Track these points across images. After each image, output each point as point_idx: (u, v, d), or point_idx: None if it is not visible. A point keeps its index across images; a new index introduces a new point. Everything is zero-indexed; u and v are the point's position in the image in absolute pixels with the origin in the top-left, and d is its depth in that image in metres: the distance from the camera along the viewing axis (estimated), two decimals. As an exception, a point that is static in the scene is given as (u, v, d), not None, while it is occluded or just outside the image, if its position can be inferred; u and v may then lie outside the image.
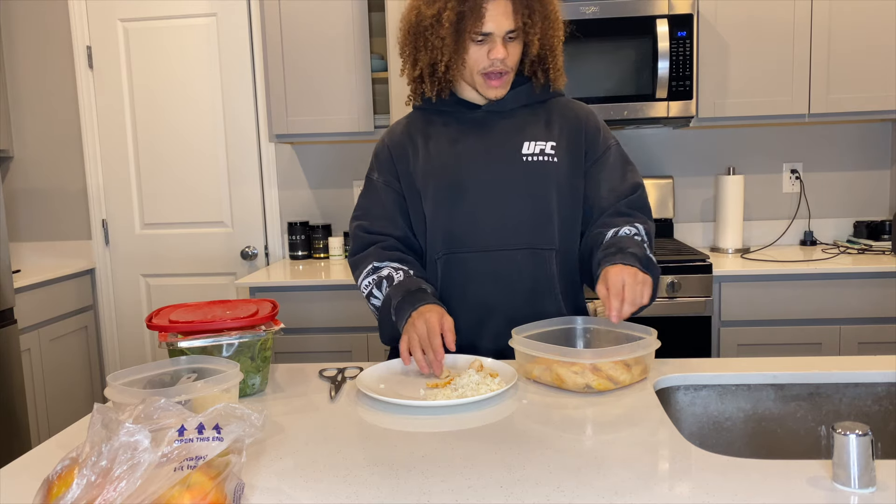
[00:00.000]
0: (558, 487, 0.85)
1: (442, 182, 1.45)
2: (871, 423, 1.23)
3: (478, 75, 1.41)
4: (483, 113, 1.48)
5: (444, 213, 1.45)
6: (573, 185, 1.47)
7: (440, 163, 1.46)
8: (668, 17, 2.55)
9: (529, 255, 1.43)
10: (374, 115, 2.80)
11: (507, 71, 1.41)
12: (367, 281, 1.47)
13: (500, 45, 1.37)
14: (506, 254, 1.43)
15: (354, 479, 0.90)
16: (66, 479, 0.73)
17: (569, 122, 1.49)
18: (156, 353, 3.32)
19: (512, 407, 1.14)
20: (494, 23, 1.36)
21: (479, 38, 1.38)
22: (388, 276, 1.44)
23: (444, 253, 1.45)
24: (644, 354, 1.22)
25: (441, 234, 1.46)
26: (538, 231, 1.44)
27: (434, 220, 1.46)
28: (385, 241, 1.50)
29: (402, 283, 1.42)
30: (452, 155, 1.46)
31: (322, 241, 3.07)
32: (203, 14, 3.11)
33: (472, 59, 1.40)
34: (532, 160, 1.44)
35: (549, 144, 1.45)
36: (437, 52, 1.40)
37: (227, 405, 0.82)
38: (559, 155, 1.45)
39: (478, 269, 1.44)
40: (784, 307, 2.45)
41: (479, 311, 1.44)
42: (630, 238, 1.39)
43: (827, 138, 2.98)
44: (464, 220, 1.44)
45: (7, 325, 2.58)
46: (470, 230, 1.44)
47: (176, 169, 3.21)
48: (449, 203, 1.44)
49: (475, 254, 1.44)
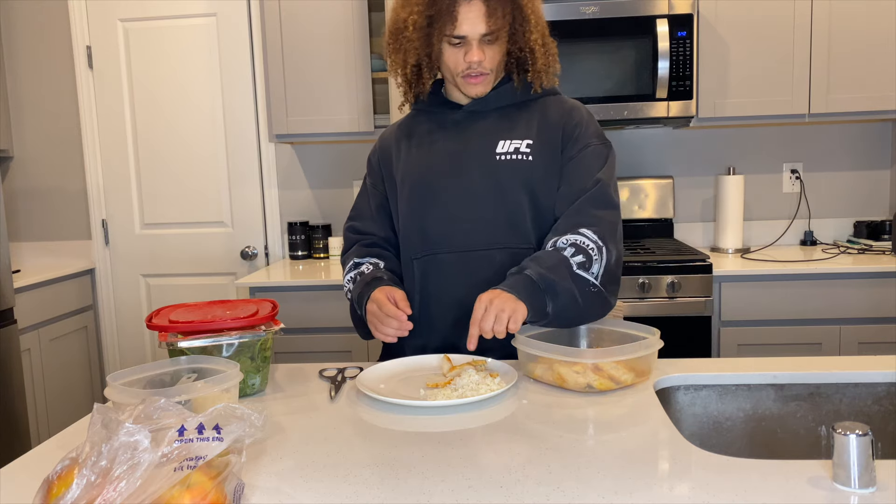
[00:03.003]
0: (558, 487, 0.85)
1: (417, 183, 1.46)
2: (871, 423, 1.23)
3: (458, 77, 1.42)
4: (463, 113, 1.48)
5: (418, 213, 1.46)
6: (548, 183, 1.42)
7: (416, 164, 1.47)
8: (668, 17, 2.54)
9: (507, 254, 1.42)
10: (374, 115, 2.80)
11: (485, 72, 1.40)
12: (349, 277, 1.52)
13: (476, 48, 1.37)
14: (482, 254, 1.42)
15: (354, 479, 0.90)
16: (66, 479, 0.73)
17: (550, 119, 1.45)
18: (156, 353, 3.32)
19: (512, 407, 1.14)
20: (468, 25, 1.35)
21: (456, 41, 1.37)
22: (360, 272, 1.49)
23: (422, 254, 1.45)
24: (646, 355, 1.21)
25: (417, 235, 1.46)
26: (513, 231, 1.42)
27: (410, 221, 1.47)
28: (367, 239, 1.55)
29: (363, 276, 1.47)
30: (428, 156, 1.47)
31: (322, 241, 3.07)
32: (203, 14, 3.11)
33: (451, 62, 1.40)
34: (505, 159, 1.42)
35: (524, 143, 1.42)
36: (409, 54, 1.41)
37: (227, 405, 0.82)
38: (534, 153, 1.42)
39: (455, 269, 1.43)
40: (784, 307, 2.45)
41: (457, 311, 1.42)
42: (553, 253, 1.32)
43: (827, 138, 2.98)
44: (438, 220, 1.44)
45: (7, 325, 2.58)
46: (445, 231, 1.43)
47: (176, 169, 3.21)
48: (423, 204, 1.45)
49: (452, 254, 1.43)
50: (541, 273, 1.28)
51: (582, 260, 1.32)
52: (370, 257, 1.52)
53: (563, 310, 1.30)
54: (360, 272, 1.49)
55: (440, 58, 1.41)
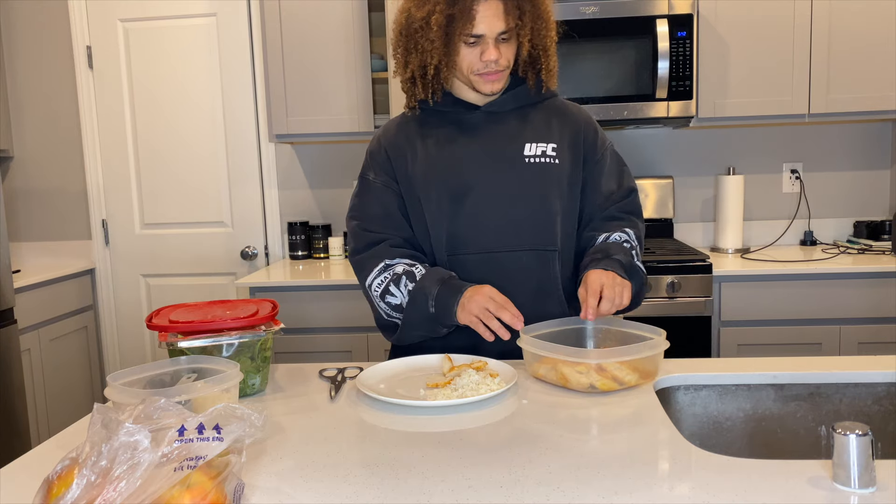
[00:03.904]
0: (558, 487, 0.85)
1: (444, 185, 1.44)
2: (871, 423, 1.23)
3: (473, 75, 1.41)
4: (482, 114, 1.48)
5: (446, 215, 1.44)
6: (573, 187, 1.48)
7: (441, 165, 1.45)
8: (668, 17, 2.55)
9: (533, 256, 1.44)
10: (374, 115, 2.80)
11: (501, 70, 1.41)
12: (381, 279, 1.43)
13: (493, 46, 1.37)
14: (510, 255, 1.43)
15: (354, 479, 0.90)
16: (66, 479, 0.73)
17: (568, 124, 1.50)
18: (156, 353, 3.32)
19: (512, 407, 1.14)
20: (486, 24, 1.35)
21: (472, 41, 1.37)
22: (406, 273, 1.41)
23: (448, 255, 1.45)
24: (651, 356, 1.21)
25: (444, 237, 1.45)
26: (541, 232, 1.44)
27: (437, 223, 1.45)
28: (393, 240, 1.47)
29: (428, 275, 1.39)
30: (453, 157, 1.45)
31: (322, 241, 3.07)
32: (203, 14, 3.11)
33: (466, 62, 1.39)
34: (534, 162, 1.44)
35: (550, 146, 1.46)
36: (428, 54, 1.39)
37: (227, 405, 0.82)
38: (560, 157, 1.46)
39: (482, 270, 1.43)
40: (784, 307, 2.45)
41: None
42: (618, 245, 1.44)
43: (827, 138, 2.98)
44: (467, 222, 1.43)
45: (7, 325, 2.58)
46: (473, 232, 1.43)
47: (176, 169, 3.21)
48: (452, 206, 1.44)
49: (479, 255, 1.43)
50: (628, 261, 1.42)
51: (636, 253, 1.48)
52: (403, 258, 1.43)
53: (639, 293, 1.44)
54: (404, 273, 1.41)
55: (456, 58, 1.40)
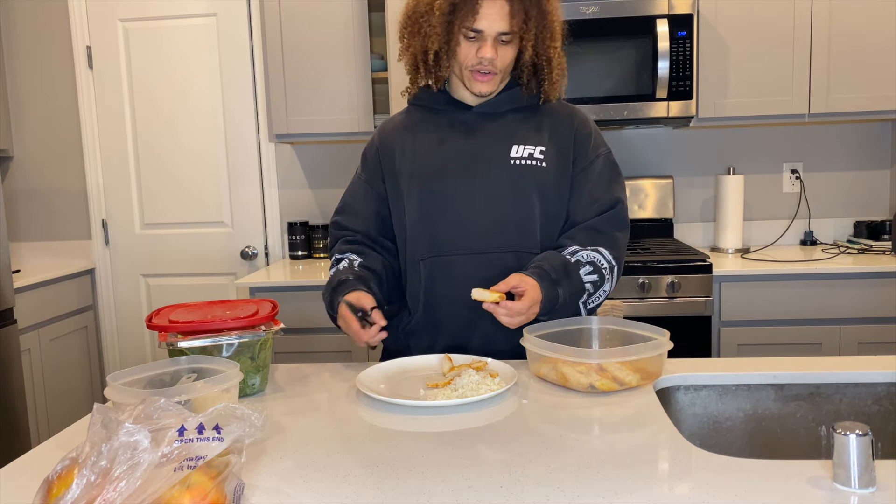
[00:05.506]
0: (558, 487, 0.85)
1: (427, 183, 1.44)
2: (871, 423, 1.23)
3: (466, 70, 1.41)
4: (473, 115, 1.48)
5: (428, 214, 1.44)
6: (559, 191, 1.45)
7: (426, 163, 1.46)
8: (668, 17, 2.55)
9: (514, 257, 1.42)
10: (374, 115, 2.80)
11: (494, 71, 1.40)
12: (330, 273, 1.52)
13: (490, 45, 1.37)
14: (492, 256, 1.42)
15: (354, 479, 0.90)
16: (66, 479, 0.73)
17: (560, 126, 1.48)
18: (156, 353, 3.32)
19: (512, 407, 1.14)
20: (487, 21, 1.35)
21: (472, 35, 1.37)
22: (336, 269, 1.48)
23: (430, 255, 1.44)
24: (653, 356, 1.20)
25: (426, 236, 1.45)
26: (522, 234, 1.43)
27: (418, 222, 1.45)
28: (350, 236, 1.53)
29: (332, 277, 1.46)
30: (439, 156, 1.45)
31: (322, 240, 3.07)
32: (203, 14, 3.11)
33: (462, 54, 1.40)
34: (520, 164, 1.43)
35: (538, 149, 1.44)
36: (429, 39, 1.40)
37: (227, 405, 0.82)
38: (548, 160, 1.44)
39: (464, 271, 1.42)
40: (784, 307, 2.45)
41: (467, 313, 1.42)
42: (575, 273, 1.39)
43: (827, 138, 2.98)
44: (449, 222, 1.43)
45: (7, 325, 2.58)
46: (455, 232, 1.43)
47: (176, 169, 3.21)
48: (434, 205, 1.44)
49: (461, 256, 1.43)
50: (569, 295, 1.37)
51: (595, 279, 1.40)
52: (350, 254, 1.50)
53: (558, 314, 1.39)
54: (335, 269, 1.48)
55: (456, 48, 1.40)
